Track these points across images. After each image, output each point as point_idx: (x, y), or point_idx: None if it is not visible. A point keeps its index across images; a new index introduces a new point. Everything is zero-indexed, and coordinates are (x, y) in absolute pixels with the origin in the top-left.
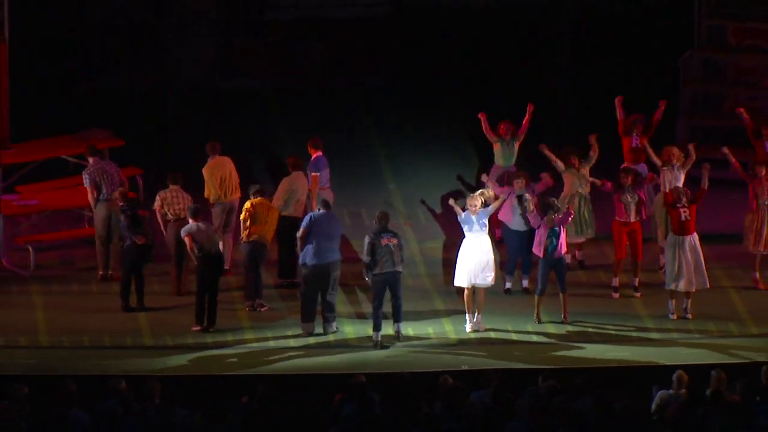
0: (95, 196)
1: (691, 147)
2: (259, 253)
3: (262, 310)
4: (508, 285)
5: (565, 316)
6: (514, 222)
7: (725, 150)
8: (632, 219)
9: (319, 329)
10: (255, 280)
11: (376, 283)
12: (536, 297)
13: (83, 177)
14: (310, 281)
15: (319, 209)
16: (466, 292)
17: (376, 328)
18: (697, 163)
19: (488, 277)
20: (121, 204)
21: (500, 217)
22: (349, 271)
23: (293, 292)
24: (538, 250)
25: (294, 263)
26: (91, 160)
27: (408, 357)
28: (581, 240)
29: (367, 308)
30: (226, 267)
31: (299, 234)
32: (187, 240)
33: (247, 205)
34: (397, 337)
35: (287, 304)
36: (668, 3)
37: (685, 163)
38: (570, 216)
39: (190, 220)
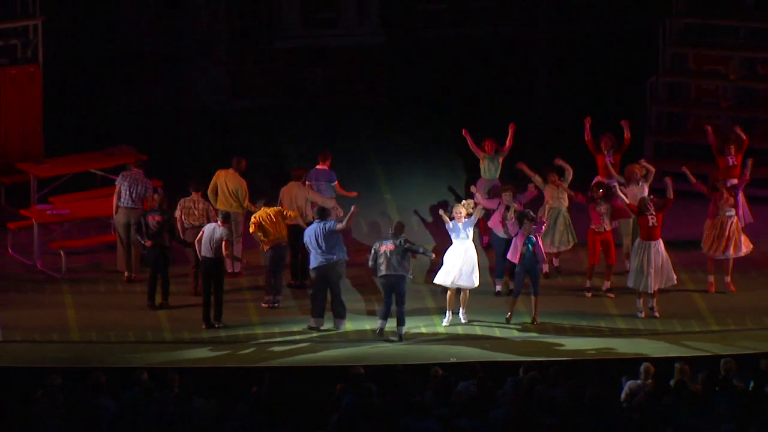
0: (116, 201)
1: (649, 163)
2: (280, 256)
3: (277, 306)
4: (498, 288)
5: (534, 319)
6: (502, 230)
7: (684, 169)
8: (607, 227)
9: (329, 324)
10: (277, 280)
11: (382, 284)
12: (512, 299)
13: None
14: (313, 283)
15: (311, 220)
16: (449, 292)
17: (382, 316)
18: (660, 176)
19: (474, 280)
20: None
21: (490, 224)
22: (348, 273)
23: (303, 292)
24: (513, 256)
25: (303, 267)
26: (133, 170)
27: (402, 351)
28: (558, 250)
29: (365, 307)
30: (237, 270)
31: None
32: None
33: (253, 219)
34: (399, 339)
35: (298, 302)
36: (636, 33)
37: (648, 176)
38: (543, 225)
39: (219, 223)
